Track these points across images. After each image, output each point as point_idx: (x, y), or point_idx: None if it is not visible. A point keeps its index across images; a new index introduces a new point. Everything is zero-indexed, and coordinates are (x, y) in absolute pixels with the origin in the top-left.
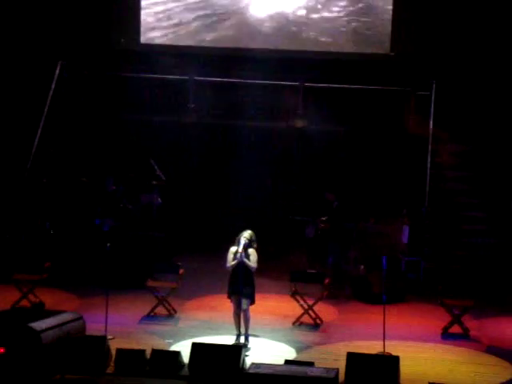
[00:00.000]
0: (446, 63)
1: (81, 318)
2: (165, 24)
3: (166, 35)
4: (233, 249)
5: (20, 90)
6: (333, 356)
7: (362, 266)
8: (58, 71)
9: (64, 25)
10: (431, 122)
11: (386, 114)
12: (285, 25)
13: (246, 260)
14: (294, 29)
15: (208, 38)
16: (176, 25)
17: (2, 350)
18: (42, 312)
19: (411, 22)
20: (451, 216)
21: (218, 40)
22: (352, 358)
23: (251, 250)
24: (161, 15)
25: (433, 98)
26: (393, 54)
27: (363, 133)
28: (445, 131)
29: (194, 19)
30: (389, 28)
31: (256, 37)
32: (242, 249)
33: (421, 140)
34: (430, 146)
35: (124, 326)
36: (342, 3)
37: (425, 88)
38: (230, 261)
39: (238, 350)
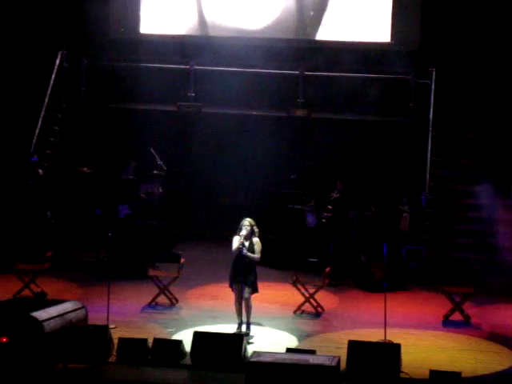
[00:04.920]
0: (446, 52)
1: (83, 307)
2: (164, 13)
3: (165, 24)
4: (237, 237)
5: (20, 79)
6: (334, 344)
7: (363, 255)
8: (58, 61)
9: (64, 14)
10: (431, 110)
11: (386, 102)
12: (285, 14)
13: (249, 254)
14: (294, 17)
15: (208, 27)
16: (176, 14)
17: (4, 340)
18: (43, 301)
19: (411, 11)
20: (451, 203)
21: (218, 28)
22: (353, 345)
23: (256, 240)
24: (160, 4)
25: (433, 86)
26: (393, 42)
27: (363, 121)
28: (445, 119)
29: (194, 8)
30: (389, 16)
31: (257, 25)
32: (243, 239)
33: (421, 127)
34: (430, 134)
35: (126, 316)
36: None
37: (424, 76)
38: (235, 245)
39: (239, 338)
